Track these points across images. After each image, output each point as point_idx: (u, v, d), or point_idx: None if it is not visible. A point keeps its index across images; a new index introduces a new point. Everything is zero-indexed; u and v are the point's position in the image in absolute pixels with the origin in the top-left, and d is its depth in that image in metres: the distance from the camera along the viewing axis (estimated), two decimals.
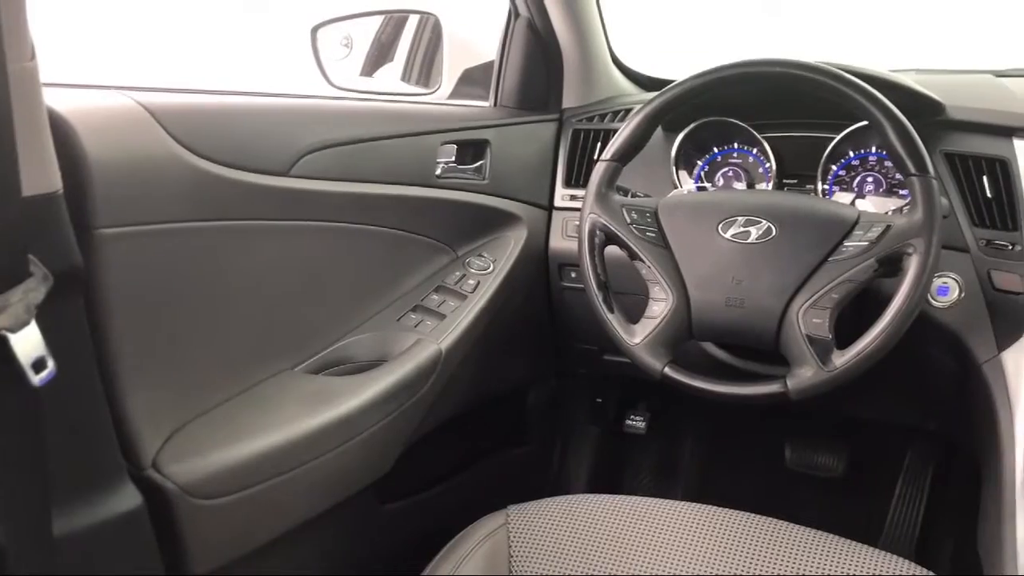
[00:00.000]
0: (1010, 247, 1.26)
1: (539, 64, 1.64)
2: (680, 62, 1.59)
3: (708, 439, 2.04)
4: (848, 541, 1.09)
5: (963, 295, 1.27)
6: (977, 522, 1.31)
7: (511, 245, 1.52)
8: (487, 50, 1.70)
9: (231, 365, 1.13)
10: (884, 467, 1.88)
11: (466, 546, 1.13)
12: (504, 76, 1.63)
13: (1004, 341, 1.24)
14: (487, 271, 1.46)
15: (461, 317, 1.38)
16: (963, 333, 1.27)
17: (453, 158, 1.49)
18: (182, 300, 1.03)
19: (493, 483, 1.70)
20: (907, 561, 1.05)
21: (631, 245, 1.23)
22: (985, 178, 1.30)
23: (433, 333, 1.34)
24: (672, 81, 1.27)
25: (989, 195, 1.29)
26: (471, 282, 1.43)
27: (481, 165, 1.51)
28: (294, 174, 1.18)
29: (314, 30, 1.62)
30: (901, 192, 1.39)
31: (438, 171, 1.43)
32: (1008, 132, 1.31)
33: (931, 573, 1.04)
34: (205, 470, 1.01)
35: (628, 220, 1.25)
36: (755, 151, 1.50)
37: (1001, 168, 1.29)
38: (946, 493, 1.82)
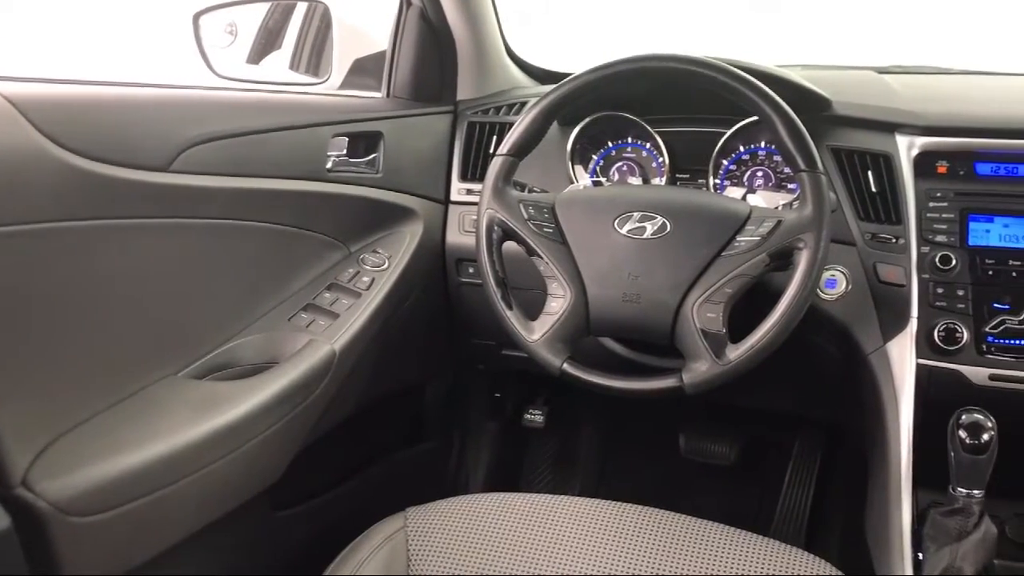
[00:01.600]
0: (894, 240, 1.30)
1: (432, 55, 1.61)
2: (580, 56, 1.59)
3: (606, 431, 2.06)
4: (739, 531, 1.10)
5: (850, 287, 1.31)
6: (864, 509, 1.35)
7: (406, 240, 1.48)
8: (379, 39, 1.65)
9: (109, 372, 1.07)
10: (775, 455, 1.93)
11: (364, 550, 1.10)
12: (396, 67, 1.59)
13: (889, 332, 1.27)
14: (382, 267, 1.42)
15: (355, 316, 1.34)
16: (850, 325, 1.31)
17: (345, 151, 1.44)
18: (53, 305, 0.97)
19: (391, 483, 1.66)
20: (796, 549, 1.07)
21: (529, 241, 1.22)
22: (870, 173, 1.33)
23: (326, 333, 1.30)
24: (568, 75, 1.26)
25: (874, 190, 1.32)
26: (365, 279, 1.39)
27: (374, 158, 1.47)
28: (175, 169, 1.11)
29: (196, 17, 1.54)
30: (790, 186, 1.42)
31: (329, 164, 1.38)
32: (891, 128, 1.35)
33: (819, 559, 1.06)
34: (81, 486, 0.94)
35: (525, 216, 1.23)
36: (648, 146, 1.51)
37: (885, 163, 1.33)
38: (834, 480, 1.87)
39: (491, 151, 1.54)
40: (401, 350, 1.52)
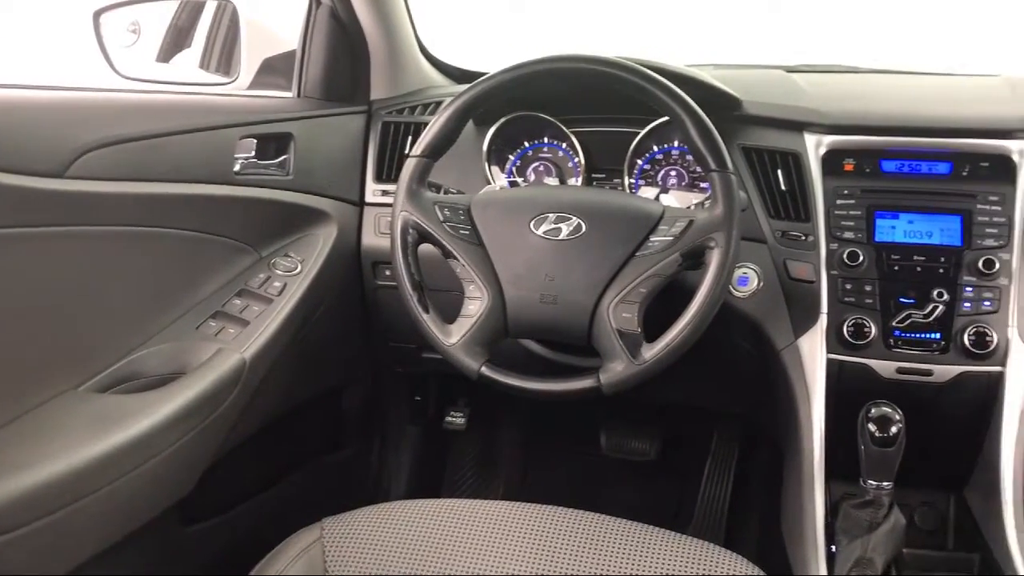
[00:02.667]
0: (803, 238, 1.32)
1: (343, 54, 1.57)
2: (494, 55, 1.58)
3: (528, 430, 2.06)
4: (659, 530, 1.10)
5: (762, 285, 1.32)
6: (780, 502, 1.37)
7: (320, 243, 1.45)
8: (290, 38, 1.61)
9: (4, 388, 1.02)
10: (694, 450, 1.95)
11: (279, 563, 1.07)
12: (307, 66, 1.56)
13: (800, 328, 1.29)
14: (294, 272, 1.39)
15: (267, 322, 1.30)
16: (762, 321, 1.32)
17: (253, 153, 1.40)
18: None
19: (309, 493, 1.63)
20: (714, 546, 1.08)
21: (445, 243, 1.20)
22: (779, 171, 1.35)
23: (236, 341, 1.26)
24: (483, 74, 1.25)
25: (783, 188, 1.35)
26: (277, 284, 1.36)
27: (284, 160, 1.43)
28: (72, 175, 1.07)
29: (96, 15, 1.48)
30: (703, 185, 1.43)
31: (236, 167, 1.34)
32: (799, 127, 1.37)
33: (736, 556, 1.07)
34: None
35: (441, 217, 1.21)
36: (564, 146, 1.50)
37: (794, 161, 1.35)
38: (752, 474, 1.90)
39: (406, 151, 1.52)
40: (317, 356, 1.49)
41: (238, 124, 1.34)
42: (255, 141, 1.39)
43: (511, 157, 1.53)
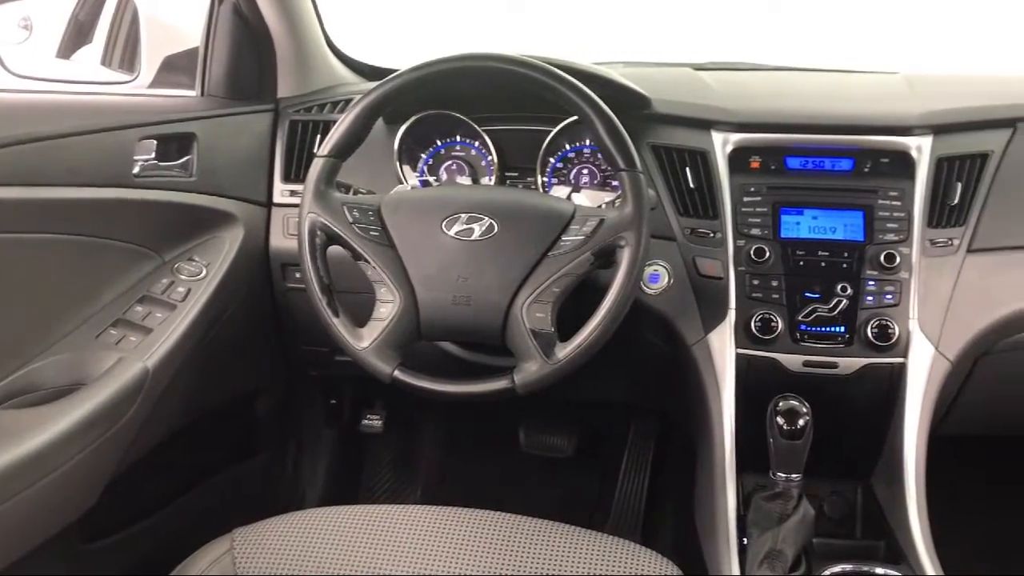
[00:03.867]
0: (712, 235, 1.34)
1: (248, 51, 1.53)
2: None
3: (446, 431, 2.05)
4: (576, 529, 1.11)
5: (672, 282, 1.34)
6: (694, 495, 1.39)
7: (226, 246, 1.41)
8: (195, 34, 1.56)
9: None
10: (611, 445, 1.97)
11: None
12: (210, 64, 1.51)
13: (710, 324, 1.31)
14: (199, 276, 1.35)
15: (171, 329, 1.26)
16: (673, 317, 1.34)
17: (153, 155, 1.34)
18: None
19: (221, 503, 1.59)
20: (631, 543, 1.09)
21: (354, 245, 1.18)
22: (688, 169, 1.37)
23: (138, 350, 1.22)
24: (394, 71, 1.23)
25: (692, 186, 1.36)
26: (181, 290, 1.32)
27: (187, 161, 1.39)
28: None
29: None
30: (614, 184, 1.44)
31: (136, 169, 1.30)
32: (707, 125, 1.39)
33: (652, 552, 1.08)
34: None
35: (350, 219, 1.19)
36: (477, 144, 1.49)
37: (702, 159, 1.36)
38: (667, 468, 1.93)
39: (315, 151, 1.49)
40: (226, 362, 1.45)
41: (136, 125, 1.30)
42: (155, 142, 1.34)
43: (423, 156, 1.51)
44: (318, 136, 1.51)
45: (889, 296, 1.26)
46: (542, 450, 1.95)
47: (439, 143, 1.51)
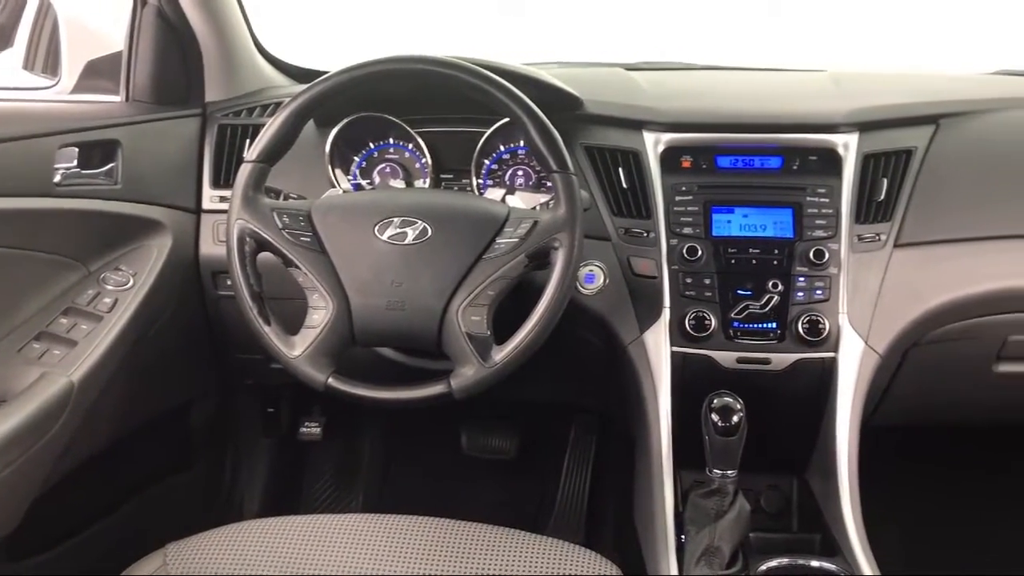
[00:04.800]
0: (645, 234, 1.35)
1: (174, 55, 1.50)
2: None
3: (387, 435, 2.03)
4: (517, 532, 1.11)
5: (608, 282, 1.34)
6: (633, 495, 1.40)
7: (154, 255, 1.38)
8: (117, 38, 1.52)
9: None
10: (552, 445, 1.97)
11: None
12: (134, 69, 1.47)
13: (645, 323, 1.32)
14: (127, 286, 1.32)
15: (97, 341, 1.23)
16: (610, 317, 1.34)
17: (75, 163, 1.30)
18: None
19: (156, 517, 1.55)
20: (571, 545, 1.10)
21: (285, 252, 1.16)
22: (621, 170, 1.37)
23: (62, 363, 1.18)
24: (324, 73, 1.21)
25: (625, 186, 1.37)
26: (107, 300, 1.28)
27: (112, 168, 1.35)
28: None
29: None
30: (549, 185, 1.44)
31: (57, 178, 1.26)
32: (638, 125, 1.40)
33: (592, 553, 1.08)
34: None
35: (280, 225, 1.17)
36: (411, 146, 1.48)
37: (634, 160, 1.37)
38: (608, 468, 1.94)
39: (245, 155, 1.46)
40: (157, 373, 1.42)
41: (56, 132, 1.26)
42: (77, 150, 1.30)
43: (356, 159, 1.49)
44: (247, 140, 1.48)
45: (819, 292, 1.29)
46: (484, 452, 1.94)
47: (372, 146, 1.49)
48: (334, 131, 1.45)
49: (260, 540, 1.08)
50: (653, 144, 1.38)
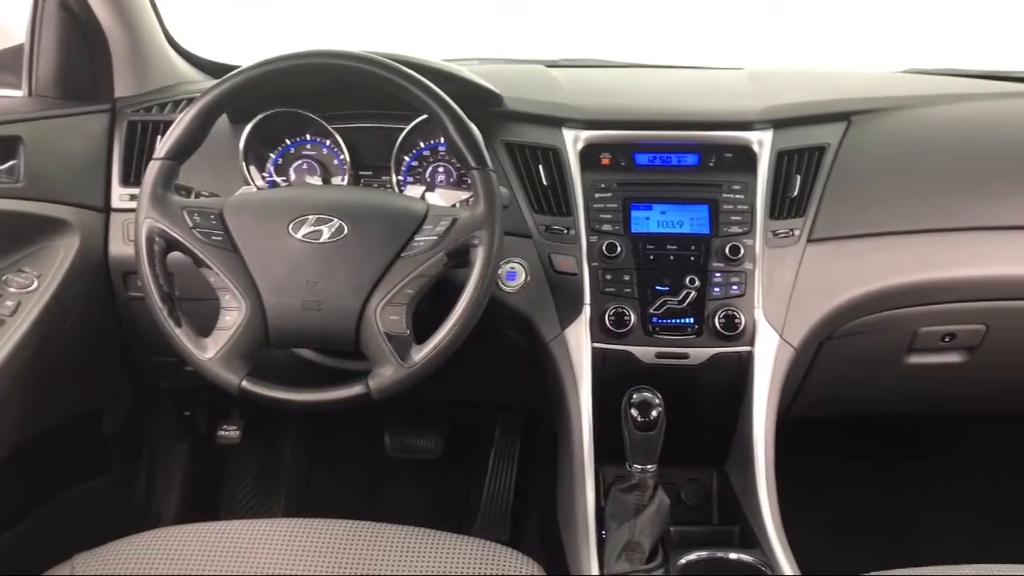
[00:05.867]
0: (566, 231, 1.35)
1: (79, 49, 1.45)
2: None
3: (309, 437, 2.00)
4: (440, 533, 1.10)
5: (529, 279, 1.34)
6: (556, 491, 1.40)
7: (60, 255, 1.33)
8: (20, 30, 1.47)
9: None
10: (478, 444, 1.96)
11: None
12: (37, 62, 1.42)
13: (566, 319, 1.32)
14: (30, 288, 1.27)
15: None
16: (531, 314, 1.34)
17: None
18: None
19: (68, 525, 1.50)
20: (494, 544, 1.09)
21: (195, 251, 1.13)
22: (541, 167, 1.37)
23: None
24: (237, 67, 1.18)
25: (545, 183, 1.37)
26: (9, 303, 1.24)
27: (13, 166, 1.30)
28: None
29: None
30: (469, 182, 1.43)
31: None
32: (558, 122, 1.40)
33: (515, 552, 1.08)
34: None
35: (190, 224, 1.14)
36: (329, 143, 1.46)
37: (554, 157, 1.37)
38: (533, 465, 1.94)
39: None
40: (65, 377, 1.37)
41: None
42: None
43: (272, 156, 1.46)
44: (158, 137, 1.44)
45: (735, 287, 1.30)
46: (409, 453, 1.93)
47: (288, 142, 1.46)
48: (248, 127, 1.42)
49: (173, 548, 1.05)
50: (573, 141, 1.38)
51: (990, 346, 1.42)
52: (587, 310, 1.31)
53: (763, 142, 1.38)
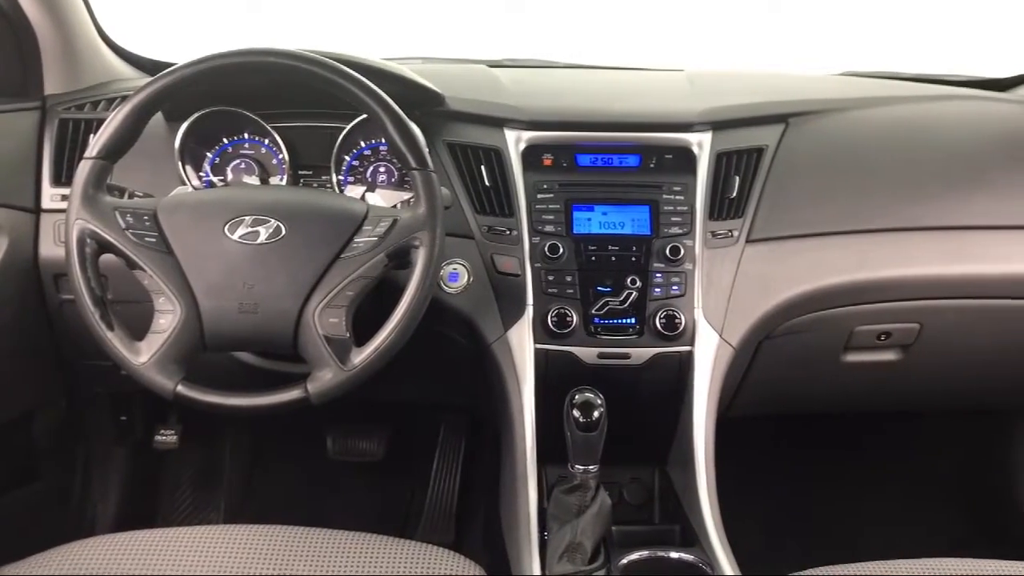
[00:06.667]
0: (508, 232, 1.35)
1: (6, 44, 1.41)
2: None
3: (249, 441, 1.97)
4: (382, 537, 1.09)
5: (472, 280, 1.34)
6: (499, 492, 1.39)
7: None
8: None
9: None
10: (422, 446, 1.95)
11: None
12: None
13: (509, 320, 1.32)
14: None
15: None
16: (474, 315, 1.34)
17: None
18: None
19: None
20: (436, 548, 1.09)
21: (128, 253, 1.10)
22: (483, 167, 1.37)
23: None
24: (173, 64, 1.15)
25: (487, 184, 1.36)
26: None
27: None
28: None
29: None
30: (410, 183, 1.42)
31: None
32: (499, 123, 1.40)
33: (457, 555, 1.08)
34: None
35: (123, 225, 1.11)
36: (267, 142, 1.44)
37: (496, 157, 1.37)
38: (478, 467, 1.93)
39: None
40: None
41: None
42: None
43: (208, 155, 1.43)
44: (91, 135, 1.40)
45: (675, 287, 1.31)
46: (351, 456, 1.91)
47: (226, 141, 1.44)
48: (184, 126, 1.39)
49: (106, 557, 1.03)
50: (515, 142, 1.38)
51: (924, 344, 1.46)
52: (530, 311, 1.31)
53: (703, 144, 1.39)
